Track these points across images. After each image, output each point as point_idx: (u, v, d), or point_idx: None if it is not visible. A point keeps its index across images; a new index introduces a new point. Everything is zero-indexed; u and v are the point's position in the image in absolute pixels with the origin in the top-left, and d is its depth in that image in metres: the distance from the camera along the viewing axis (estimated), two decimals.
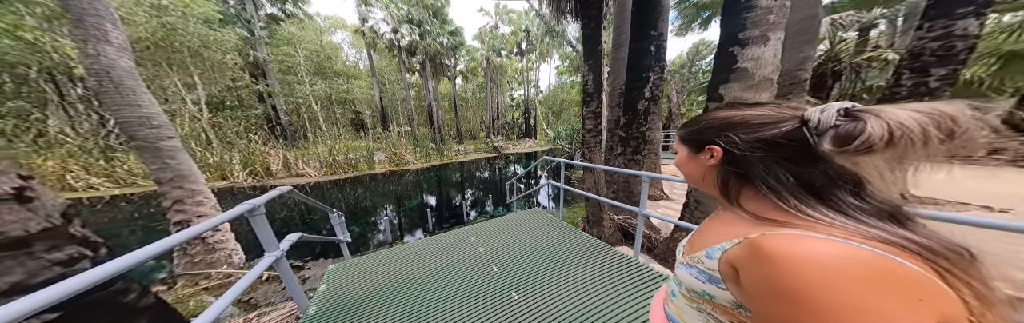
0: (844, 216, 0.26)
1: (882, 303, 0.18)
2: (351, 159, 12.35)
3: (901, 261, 0.21)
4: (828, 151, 0.26)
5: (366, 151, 13.07)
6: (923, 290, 0.19)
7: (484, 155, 18.78)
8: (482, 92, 28.97)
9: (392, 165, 13.96)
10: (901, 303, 0.18)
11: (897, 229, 0.24)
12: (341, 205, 7.98)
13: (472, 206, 8.38)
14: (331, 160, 11.61)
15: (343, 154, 12.15)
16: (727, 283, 0.29)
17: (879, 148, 0.24)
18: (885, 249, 0.22)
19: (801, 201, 0.28)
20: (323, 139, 13.42)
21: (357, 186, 10.37)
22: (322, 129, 15.29)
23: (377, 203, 8.44)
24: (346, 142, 13.39)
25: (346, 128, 18.64)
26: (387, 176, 12.15)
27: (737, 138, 0.32)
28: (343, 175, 11.60)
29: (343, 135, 14.35)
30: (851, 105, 0.26)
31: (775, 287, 0.22)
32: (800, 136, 0.28)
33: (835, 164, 0.28)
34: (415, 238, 5.71)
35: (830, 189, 0.28)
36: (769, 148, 0.30)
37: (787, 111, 0.30)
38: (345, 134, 16.57)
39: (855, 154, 0.25)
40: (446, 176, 12.58)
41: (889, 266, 0.20)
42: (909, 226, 0.26)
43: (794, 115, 0.29)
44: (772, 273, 0.22)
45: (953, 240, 0.23)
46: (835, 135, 0.26)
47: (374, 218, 7.24)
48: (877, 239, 0.23)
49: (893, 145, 0.23)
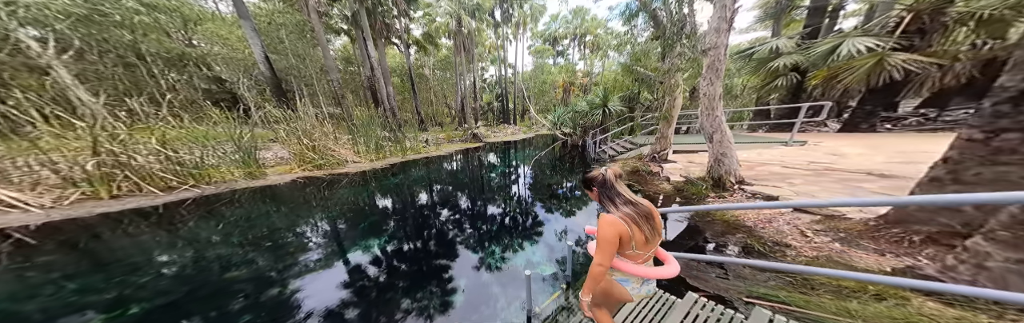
0: (615, 207, 0.91)
1: (608, 228, 0.86)
2: (187, 162, 5.46)
3: (619, 218, 0.87)
4: (609, 184, 0.95)
5: (237, 142, 6.17)
6: (619, 225, 0.86)
7: (463, 145, 12.61)
8: (449, 68, 22.55)
9: (305, 167, 7.17)
10: (612, 227, 0.86)
11: (624, 209, 0.89)
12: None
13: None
14: (96, 169, 4.63)
15: (154, 152, 5.16)
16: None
17: (611, 182, 0.93)
18: (618, 215, 0.88)
19: (607, 204, 0.93)
20: (93, 123, 4.80)
21: (183, 224, 3.66)
22: (89, 102, 5.47)
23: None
24: (187, 127, 6.22)
25: (195, 105, 10.55)
26: (296, 189, 5.48)
27: (595, 185, 0.97)
28: (156, 197, 4.71)
29: (182, 115, 6.57)
30: (605, 169, 0.96)
31: (599, 224, 0.89)
32: (606, 180, 0.95)
33: (614, 189, 0.93)
34: None
35: (613, 198, 0.92)
36: (598, 185, 0.96)
37: (599, 172, 0.96)
38: (190, 114, 8.45)
39: (613, 185, 0.94)
40: (418, 184, 6.21)
41: (614, 220, 0.87)
42: (630, 208, 0.90)
43: (601, 173, 0.96)
44: (599, 223, 0.89)
45: (638, 211, 0.89)
46: (605, 179, 0.95)
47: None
48: (621, 213, 0.89)
49: (613, 181, 0.94)
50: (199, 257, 2.84)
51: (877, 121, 8.30)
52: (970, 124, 2.08)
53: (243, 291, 2.27)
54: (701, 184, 3.91)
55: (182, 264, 2.72)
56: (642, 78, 8.25)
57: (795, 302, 1.72)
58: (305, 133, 7.43)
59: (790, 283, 1.95)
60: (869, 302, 1.66)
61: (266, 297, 2.20)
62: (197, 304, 2.12)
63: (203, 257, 2.84)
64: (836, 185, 3.52)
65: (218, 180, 5.75)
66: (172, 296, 2.21)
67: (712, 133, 3.72)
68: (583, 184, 0.99)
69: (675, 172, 5.06)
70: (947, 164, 2.18)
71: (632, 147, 7.57)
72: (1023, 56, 1.85)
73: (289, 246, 3.08)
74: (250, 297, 2.19)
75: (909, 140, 6.57)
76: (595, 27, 26.85)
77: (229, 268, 2.61)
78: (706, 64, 3.60)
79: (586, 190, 0.99)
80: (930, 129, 7.94)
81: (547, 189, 5.63)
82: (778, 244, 2.48)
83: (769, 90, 9.67)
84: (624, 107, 10.07)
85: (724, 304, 1.50)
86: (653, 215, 0.91)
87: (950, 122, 7.99)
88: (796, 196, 3.21)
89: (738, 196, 3.47)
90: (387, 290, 2.28)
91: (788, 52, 8.88)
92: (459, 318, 1.95)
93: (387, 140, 9.57)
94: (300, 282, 2.39)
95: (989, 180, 1.98)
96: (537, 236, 3.31)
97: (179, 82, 11.03)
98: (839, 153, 5.44)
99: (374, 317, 1.98)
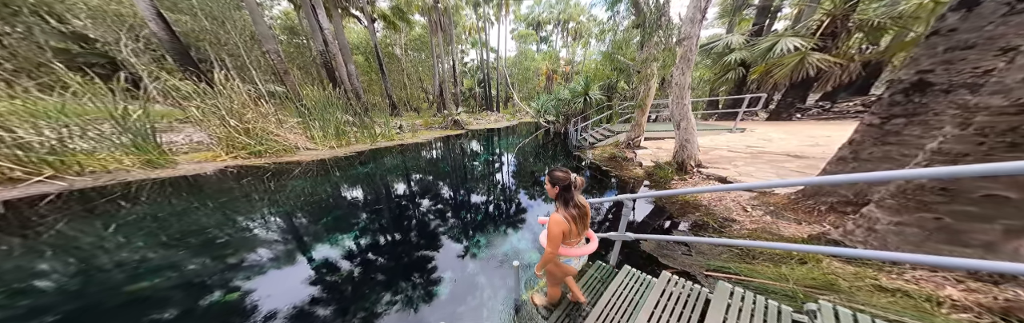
0: (564, 208, 1.16)
1: (555, 227, 1.12)
2: (36, 146, 4.32)
3: (564, 217, 1.14)
4: (571, 189, 1.16)
5: (119, 120, 4.98)
6: (564, 224, 1.13)
7: (443, 133, 11.98)
8: (425, 49, 20.53)
9: (237, 154, 6.18)
10: (559, 226, 1.12)
11: (571, 211, 1.16)
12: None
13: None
14: None
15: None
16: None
17: (574, 187, 1.15)
18: (564, 214, 1.15)
19: (559, 203, 1.19)
20: None
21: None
22: None
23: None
24: (25, 99, 4.67)
25: (44, 69, 7.72)
26: (226, 180, 4.66)
27: (564, 185, 1.15)
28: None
29: (17, 83, 4.65)
30: (574, 176, 1.14)
31: (548, 224, 1.16)
32: (570, 184, 1.15)
33: (571, 193, 1.16)
34: None
35: (567, 200, 1.17)
36: (562, 186, 1.16)
37: (569, 175, 1.14)
38: (33, 81, 6.31)
39: (573, 190, 1.16)
40: (391, 173, 5.78)
41: (560, 219, 1.13)
42: (575, 211, 1.17)
43: (570, 178, 1.14)
44: (549, 221, 1.15)
45: (579, 213, 1.19)
46: (570, 184, 1.15)
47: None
48: (565, 213, 1.15)
49: (575, 187, 1.15)
50: (74, 270, 2.31)
51: (794, 111, 9.74)
52: (871, 111, 2.51)
53: (151, 309, 1.93)
54: (667, 168, 4.25)
55: (51, 278, 2.20)
56: (621, 67, 8.43)
57: (743, 271, 2.02)
58: (231, 113, 6.27)
59: (738, 255, 2.27)
60: (795, 266, 2.00)
61: (195, 308, 1.90)
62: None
63: (82, 270, 2.31)
64: (766, 165, 4.11)
65: (97, 170, 4.65)
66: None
67: (680, 121, 3.99)
68: (549, 179, 1.16)
69: (646, 158, 5.45)
70: (851, 145, 2.64)
71: (610, 134, 7.90)
72: (918, 54, 2.22)
73: (220, 248, 2.66)
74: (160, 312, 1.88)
75: (814, 127, 7.88)
76: (578, 13, 26.67)
77: (127, 281, 2.18)
78: (680, 54, 3.74)
79: (549, 185, 1.17)
80: (825, 118, 9.59)
81: (531, 176, 5.66)
82: (727, 219, 2.85)
83: (721, 83, 10.65)
84: (603, 96, 10.32)
85: (691, 279, 1.69)
86: (587, 214, 1.25)
87: (838, 112, 9.72)
88: (740, 177, 3.67)
89: (697, 178, 3.87)
90: (361, 286, 2.14)
91: (738, 48, 9.71)
92: (447, 310, 1.92)
93: (351, 125, 8.58)
94: (247, 285, 2.11)
95: (879, 158, 2.47)
96: (521, 224, 3.35)
97: (6, 35, 8.22)
98: (767, 138, 6.32)
99: (351, 314, 1.85)
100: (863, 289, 1.68)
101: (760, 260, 2.19)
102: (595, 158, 6.66)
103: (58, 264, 2.38)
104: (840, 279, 1.76)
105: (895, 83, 2.34)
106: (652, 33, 5.35)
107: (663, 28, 5.20)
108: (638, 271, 1.80)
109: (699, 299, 1.50)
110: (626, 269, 1.81)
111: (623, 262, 2.04)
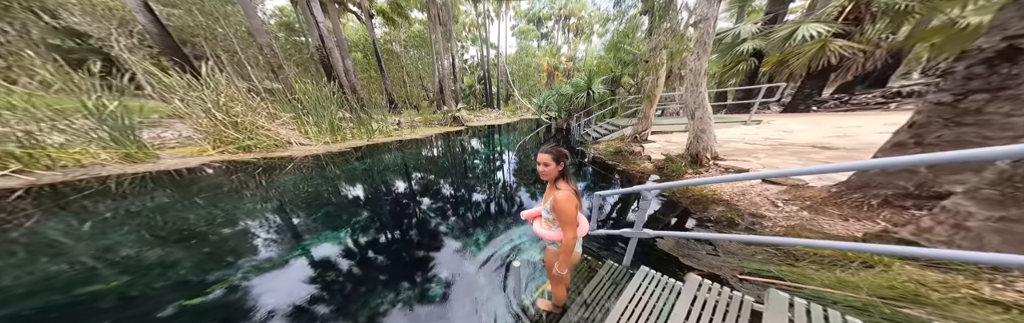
0: (567, 182, 1.13)
1: (569, 204, 1.07)
2: (3, 138, 4.08)
3: (570, 192, 1.09)
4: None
5: (94, 112, 4.71)
6: (575, 199, 1.09)
7: (442, 129, 11.64)
8: (424, 46, 20.25)
9: (225, 148, 5.91)
10: (572, 202, 1.07)
11: (572, 184, 1.14)
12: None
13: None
14: None
15: None
16: (552, 212, 1.14)
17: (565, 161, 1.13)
18: (571, 189, 1.11)
19: (568, 176, 1.15)
20: None
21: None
22: None
23: None
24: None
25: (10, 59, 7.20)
26: (212, 176, 4.36)
27: (568, 161, 1.13)
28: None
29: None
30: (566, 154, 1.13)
31: (558, 205, 1.08)
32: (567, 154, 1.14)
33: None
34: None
35: (569, 173, 1.15)
36: (567, 162, 1.13)
37: (563, 148, 1.13)
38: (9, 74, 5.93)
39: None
40: (388, 169, 5.43)
41: (570, 196, 1.08)
42: (574, 183, 1.15)
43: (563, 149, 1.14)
44: (558, 201, 1.08)
45: (578, 188, 1.15)
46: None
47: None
48: (573, 190, 1.11)
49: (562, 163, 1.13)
50: (45, 269, 2.00)
51: (812, 103, 9.18)
52: (940, 88, 2.07)
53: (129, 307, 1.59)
54: (680, 161, 3.84)
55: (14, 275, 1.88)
56: (626, 59, 8.01)
57: (788, 276, 1.61)
58: (218, 106, 5.99)
59: (775, 255, 1.86)
60: (855, 270, 1.59)
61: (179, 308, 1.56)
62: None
63: (53, 268, 2.00)
64: (792, 157, 3.66)
65: (70, 164, 4.39)
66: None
67: (694, 109, 3.58)
68: (553, 156, 1.13)
69: (655, 151, 5.03)
70: (912, 128, 2.20)
71: (614, 129, 7.50)
72: (1004, 18, 1.80)
73: (189, 246, 2.33)
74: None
75: (839, 118, 7.34)
76: (579, 9, 26.04)
77: (82, 282, 1.85)
78: (695, 38, 3.32)
79: (552, 163, 1.13)
80: (843, 110, 9.01)
81: (531, 174, 5.26)
82: (755, 215, 2.43)
83: (731, 75, 10.13)
84: (607, 90, 9.92)
85: (721, 283, 1.30)
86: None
87: (856, 104, 9.13)
88: (764, 169, 3.24)
89: (713, 171, 3.45)
90: (347, 288, 1.78)
91: (750, 37, 9.18)
92: (441, 316, 1.55)
93: (348, 121, 8.29)
94: (237, 285, 1.77)
95: (949, 141, 2.02)
96: (522, 222, 2.96)
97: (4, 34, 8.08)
98: (787, 130, 5.83)
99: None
100: (960, 301, 1.26)
101: (804, 261, 1.78)
102: (599, 153, 6.25)
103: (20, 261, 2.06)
104: (927, 289, 1.34)
105: (972, 53, 1.90)
106: (662, 17, 4.92)
107: (673, 11, 4.77)
108: (657, 273, 1.41)
109: (743, 309, 1.12)
110: (643, 270, 1.43)
111: (637, 262, 1.65)
